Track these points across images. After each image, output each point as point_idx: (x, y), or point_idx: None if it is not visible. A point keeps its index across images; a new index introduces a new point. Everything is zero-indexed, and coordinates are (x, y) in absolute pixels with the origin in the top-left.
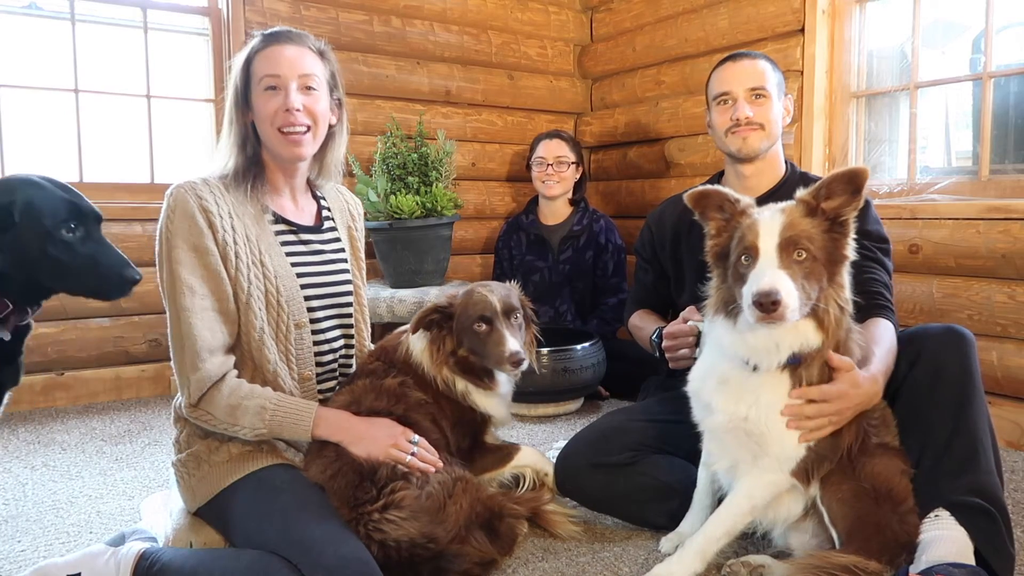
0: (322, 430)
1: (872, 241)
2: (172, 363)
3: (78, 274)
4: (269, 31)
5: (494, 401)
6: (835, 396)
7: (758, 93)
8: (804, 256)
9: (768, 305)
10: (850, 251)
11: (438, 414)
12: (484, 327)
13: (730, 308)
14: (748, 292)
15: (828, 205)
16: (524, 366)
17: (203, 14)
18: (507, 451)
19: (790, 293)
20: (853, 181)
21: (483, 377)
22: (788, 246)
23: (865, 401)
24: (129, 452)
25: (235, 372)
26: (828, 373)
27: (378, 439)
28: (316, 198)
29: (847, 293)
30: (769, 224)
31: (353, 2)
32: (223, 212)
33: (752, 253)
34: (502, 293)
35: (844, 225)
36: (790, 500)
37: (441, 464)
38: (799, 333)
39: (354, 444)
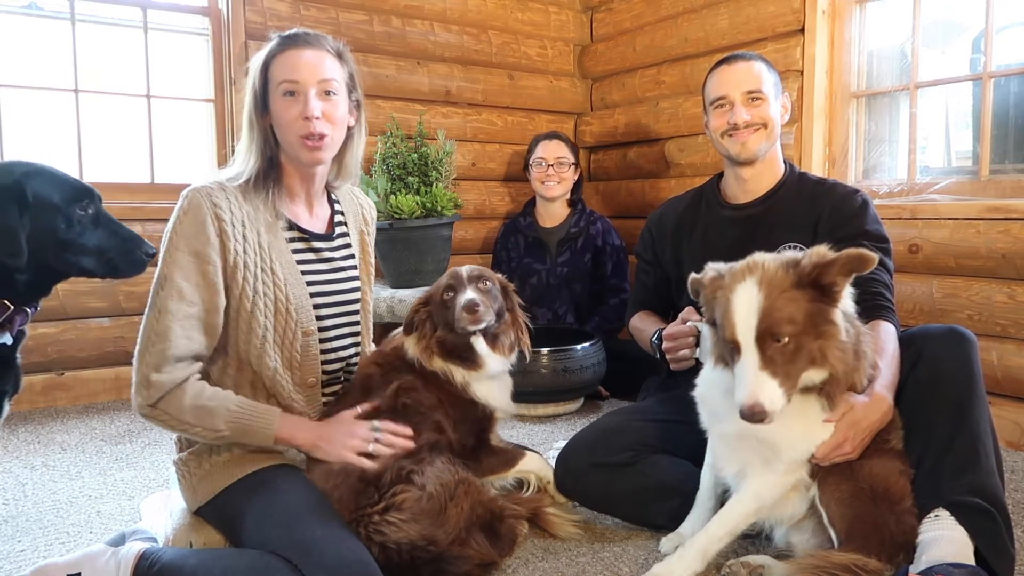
0: (284, 433)
1: (872, 241)
2: (135, 354)
3: (97, 252)
4: (287, 33)
5: (493, 388)
6: (842, 440)
7: (754, 96)
8: (786, 341)
9: (754, 417)
10: (839, 317)
11: (441, 413)
12: (450, 295)
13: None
14: (736, 399)
15: (823, 280)
16: (483, 323)
17: (203, 14)
18: (512, 455)
19: (773, 399)
20: (856, 269)
21: (465, 355)
22: (767, 337)
23: (876, 424)
24: (129, 452)
25: (198, 376)
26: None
27: (336, 439)
28: (331, 202)
29: (843, 335)
30: (746, 310)
31: (353, 2)
32: (236, 221)
33: (734, 346)
34: (473, 266)
35: (835, 295)
36: (795, 500)
37: (412, 439)
38: (802, 379)
39: (315, 449)
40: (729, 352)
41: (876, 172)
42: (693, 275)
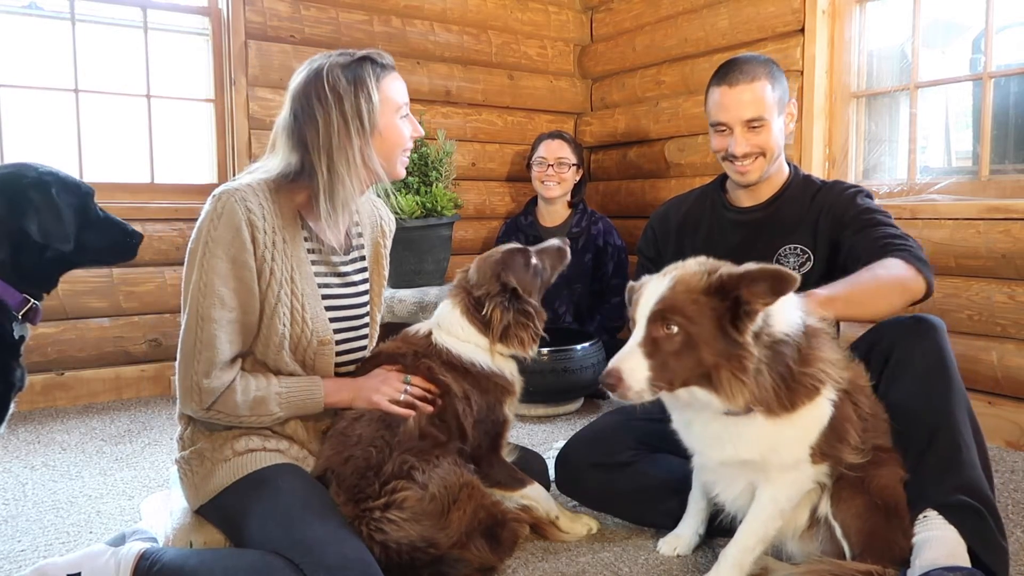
0: (332, 398)
1: (869, 214)
2: (177, 364)
3: (107, 241)
4: (382, 59)
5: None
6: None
7: (754, 124)
8: (676, 331)
9: (608, 384)
10: (750, 343)
11: (465, 406)
12: (523, 258)
13: None
14: None
15: (731, 291)
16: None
17: (203, 14)
18: (520, 477)
19: (634, 374)
20: (776, 288)
21: (534, 321)
22: (656, 318)
23: None
24: (129, 452)
25: (240, 372)
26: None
27: (371, 386)
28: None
29: (751, 365)
30: (649, 292)
31: (353, 2)
32: (268, 227)
33: (632, 326)
34: (509, 246)
35: (746, 316)
36: (799, 509)
37: (435, 392)
38: (708, 401)
39: (357, 400)
40: None
41: (876, 172)
42: (630, 283)
